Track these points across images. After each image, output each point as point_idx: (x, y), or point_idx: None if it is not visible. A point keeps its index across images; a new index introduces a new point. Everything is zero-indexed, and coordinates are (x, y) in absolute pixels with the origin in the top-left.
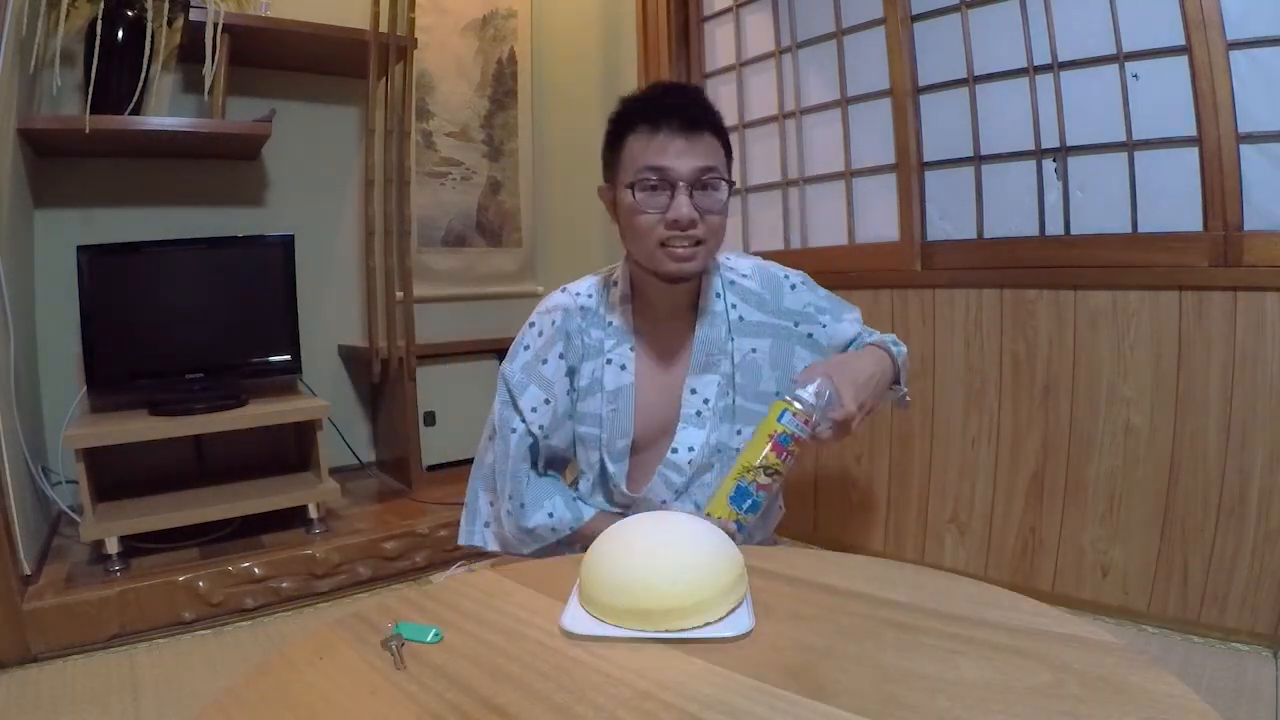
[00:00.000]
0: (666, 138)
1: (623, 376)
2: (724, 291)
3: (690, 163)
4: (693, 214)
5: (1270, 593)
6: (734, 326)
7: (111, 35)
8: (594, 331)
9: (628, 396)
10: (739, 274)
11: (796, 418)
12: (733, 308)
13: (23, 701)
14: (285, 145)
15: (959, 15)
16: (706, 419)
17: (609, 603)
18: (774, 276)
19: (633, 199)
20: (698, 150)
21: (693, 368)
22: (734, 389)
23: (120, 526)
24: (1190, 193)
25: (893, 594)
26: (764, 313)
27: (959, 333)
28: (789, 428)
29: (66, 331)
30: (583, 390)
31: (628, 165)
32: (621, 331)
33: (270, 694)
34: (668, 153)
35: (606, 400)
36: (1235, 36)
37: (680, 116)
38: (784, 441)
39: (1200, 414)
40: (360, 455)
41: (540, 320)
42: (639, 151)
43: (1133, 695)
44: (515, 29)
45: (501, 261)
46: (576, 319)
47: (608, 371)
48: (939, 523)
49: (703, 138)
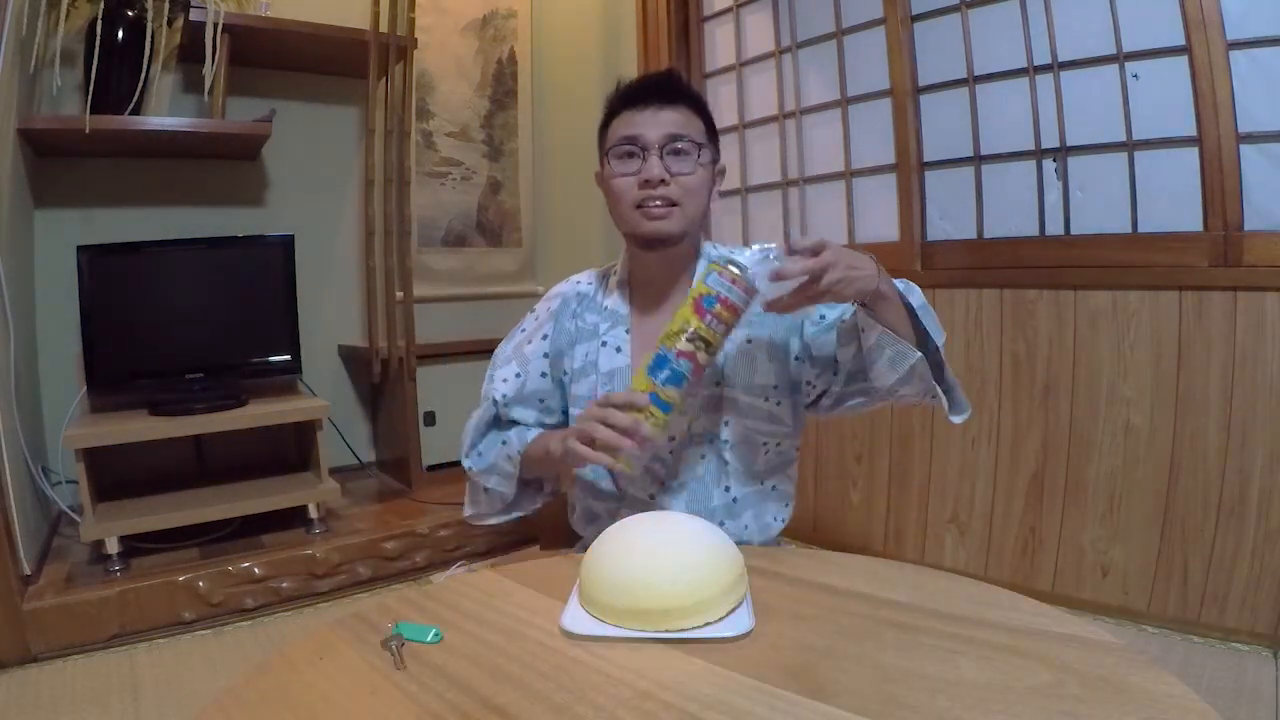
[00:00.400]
0: (639, 110)
1: (617, 359)
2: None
3: (660, 129)
4: (663, 173)
5: (1270, 593)
6: None
7: (111, 35)
8: (589, 315)
9: (623, 379)
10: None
11: (724, 278)
12: None
13: (23, 701)
14: (285, 145)
15: (959, 15)
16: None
17: (609, 603)
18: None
19: (609, 167)
20: (669, 119)
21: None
22: (723, 379)
23: (120, 526)
24: (1190, 193)
25: (893, 594)
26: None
27: (959, 333)
28: (714, 288)
29: (66, 331)
30: (576, 373)
31: (609, 142)
32: (616, 314)
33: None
34: (638, 122)
35: (601, 382)
36: (1235, 36)
37: (654, 91)
38: (707, 303)
39: (1200, 414)
40: (360, 455)
41: (540, 306)
42: (616, 127)
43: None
44: (515, 29)
45: (501, 261)
46: (572, 304)
47: (602, 354)
48: (939, 523)
49: (676, 109)
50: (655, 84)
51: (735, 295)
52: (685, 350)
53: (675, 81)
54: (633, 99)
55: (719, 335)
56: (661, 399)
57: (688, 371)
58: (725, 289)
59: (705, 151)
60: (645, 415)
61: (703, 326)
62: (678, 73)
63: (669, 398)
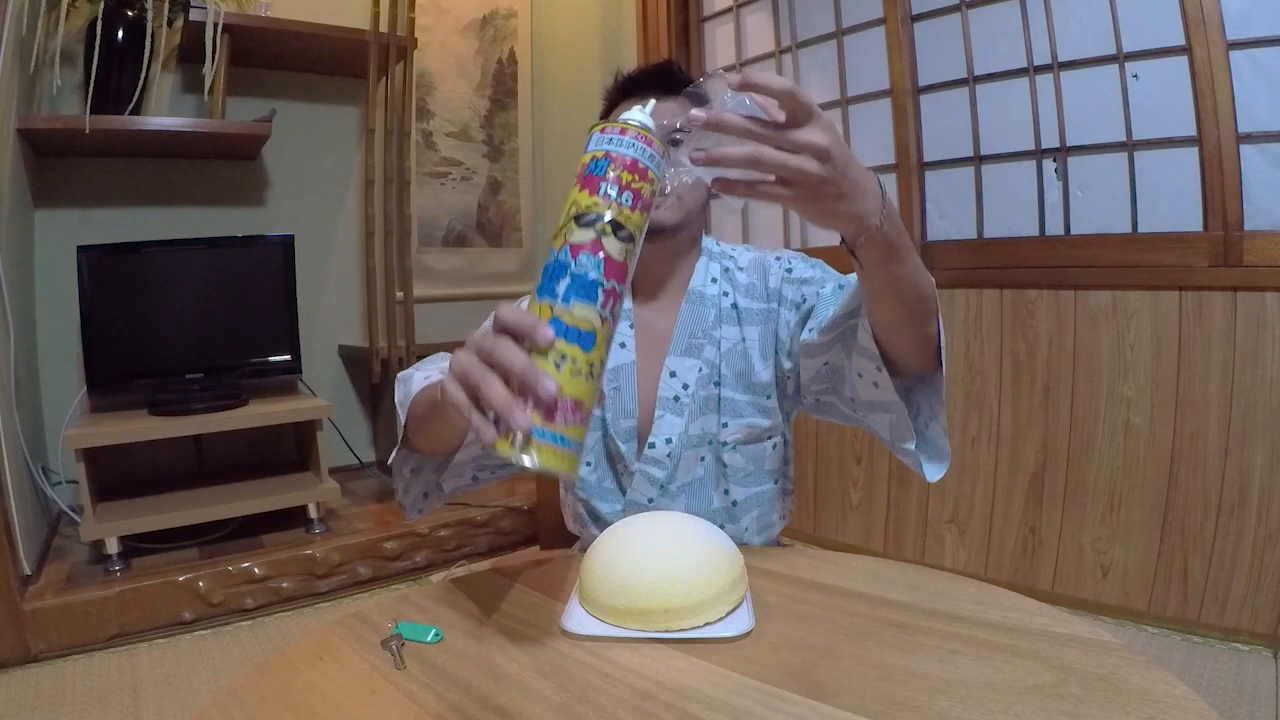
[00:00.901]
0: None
1: (622, 354)
2: (720, 279)
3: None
4: None
5: (1270, 593)
6: (724, 314)
7: (111, 35)
8: None
9: (629, 375)
10: (737, 265)
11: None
12: (724, 295)
13: (23, 701)
14: (285, 145)
15: (959, 15)
16: (685, 406)
17: (609, 603)
18: (764, 261)
19: None
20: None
21: (673, 348)
22: (719, 379)
23: (120, 526)
24: (1190, 193)
25: (893, 594)
26: (755, 300)
27: (959, 333)
28: (600, 148)
29: (66, 331)
30: None
31: None
32: None
33: (270, 694)
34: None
35: (608, 379)
36: (1235, 36)
37: (652, 83)
38: (595, 169)
39: (1200, 414)
40: (360, 455)
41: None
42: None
43: (1133, 695)
44: (515, 29)
45: (501, 261)
46: None
47: None
48: (939, 523)
49: (675, 100)
50: (654, 75)
51: (634, 150)
52: (581, 243)
53: (674, 73)
54: (631, 90)
55: (630, 209)
56: (571, 324)
57: (598, 272)
58: (615, 144)
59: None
60: (551, 359)
61: (598, 201)
62: (676, 63)
63: (582, 321)
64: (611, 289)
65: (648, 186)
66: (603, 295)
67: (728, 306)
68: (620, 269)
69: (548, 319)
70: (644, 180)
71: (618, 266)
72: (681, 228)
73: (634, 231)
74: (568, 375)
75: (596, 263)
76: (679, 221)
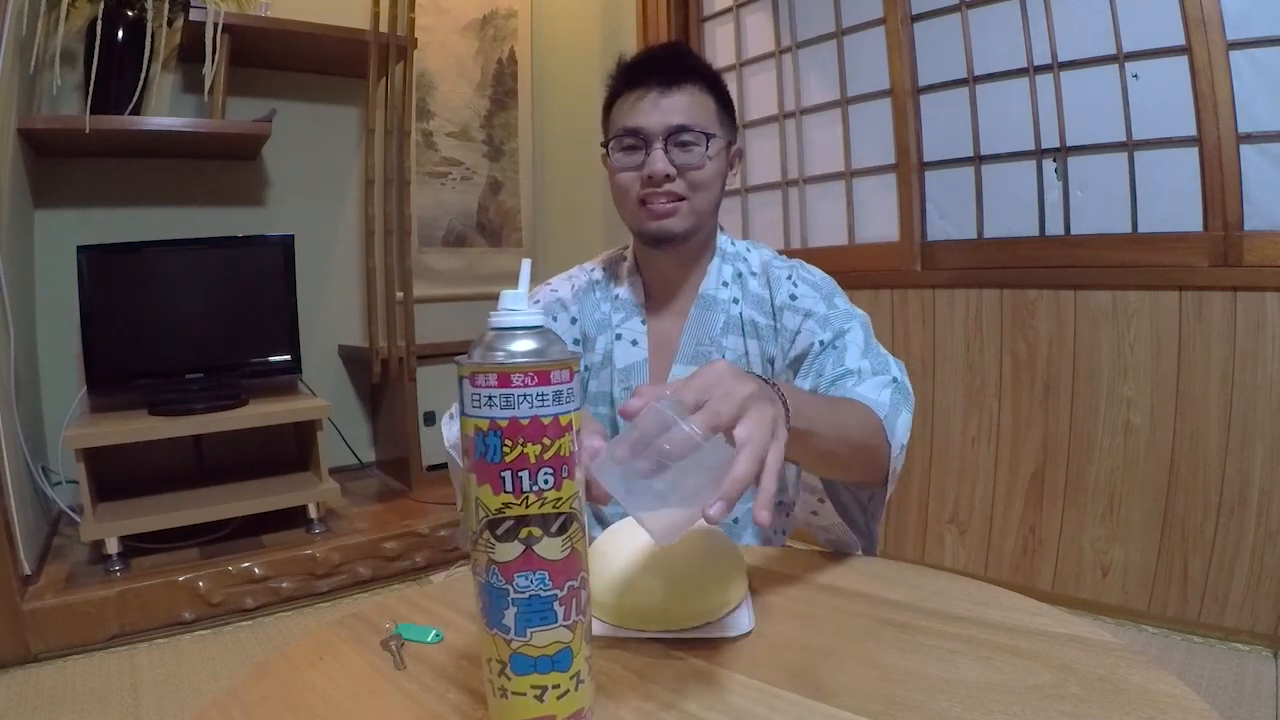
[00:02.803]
0: (641, 96)
1: (635, 353)
2: (731, 284)
3: (663, 119)
4: (667, 167)
5: (1270, 593)
6: (731, 322)
7: (111, 35)
8: (603, 305)
9: (641, 374)
10: (750, 269)
11: (495, 385)
12: (734, 302)
13: (23, 701)
14: (285, 145)
15: (959, 15)
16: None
17: (609, 603)
18: (772, 271)
19: (613, 159)
20: (674, 106)
21: (680, 356)
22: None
23: (120, 526)
24: (1190, 193)
25: (893, 594)
26: (761, 314)
27: (959, 333)
28: (486, 417)
29: (66, 331)
30: (595, 367)
31: (611, 129)
32: (630, 305)
33: (270, 694)
34: (641, 110)
35: (618, 379)
36: (1235, 36)
37: (656, 73)
38: (488, 450)
39: (1200, 414)
40: (360, 455)
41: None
42: (619, 114)
43: (1133, 695)
44: (515, 29)
45: (501, 261)
46: (596, 288)
47: (618, 347)
48: (939, 523)
49: (681, 91)
50: (659, 61)
51: (527, 403)
52: (509, 559)
53: (681, 57)
54: (635, 79)
55: (553, 490)
56: (538, 656)
57: (545, 587)
58: (499, 405)
59: (715, 140)
60: (530, 696)
61: (510, 499)
62: (684, 46)
63: (550, 645)
64: (571, 589)
65: (566, 439)
66: (561, 608)
67: (736, 314)
68: (571, 563)
69: (507, 657)
70: (558, 435)
71: (567, 564)
72: (694, 233)
73: (571, 512)
74: (554, 700)
75: (539, 579)
76: (690, 228)
